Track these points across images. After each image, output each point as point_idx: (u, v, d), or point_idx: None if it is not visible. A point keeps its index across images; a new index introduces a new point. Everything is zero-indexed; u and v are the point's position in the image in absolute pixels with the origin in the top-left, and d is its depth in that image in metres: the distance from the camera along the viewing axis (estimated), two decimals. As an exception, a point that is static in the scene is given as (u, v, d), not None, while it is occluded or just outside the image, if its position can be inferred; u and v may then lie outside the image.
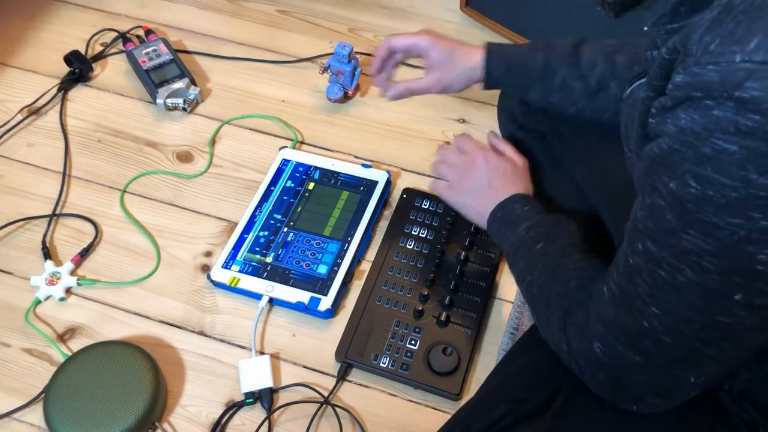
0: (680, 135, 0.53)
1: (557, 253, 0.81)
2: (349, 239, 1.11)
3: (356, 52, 1.32)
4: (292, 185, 1.18)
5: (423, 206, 1.15)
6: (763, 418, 0.70)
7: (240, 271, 1.08)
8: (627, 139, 0.72)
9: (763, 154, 0.49)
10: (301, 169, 1.20)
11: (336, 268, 1.08)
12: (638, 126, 0.63)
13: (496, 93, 1.19)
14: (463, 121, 1.30)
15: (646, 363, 0.64)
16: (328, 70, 1.29)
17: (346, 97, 1.32)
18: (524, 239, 0.85)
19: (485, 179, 0.97)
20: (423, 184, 1.19)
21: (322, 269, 1.08)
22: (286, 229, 1.13)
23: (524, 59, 0.96)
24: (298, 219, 1.14)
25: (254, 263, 1.09)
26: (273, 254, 1.10)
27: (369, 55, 1.39)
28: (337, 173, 1.20)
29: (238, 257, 1.09)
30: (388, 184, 1.19)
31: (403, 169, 1.23)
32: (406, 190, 1.18)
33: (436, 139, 1.27)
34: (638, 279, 0.61)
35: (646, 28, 0.63)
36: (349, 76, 1.28)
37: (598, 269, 0.73)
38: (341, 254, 1.09)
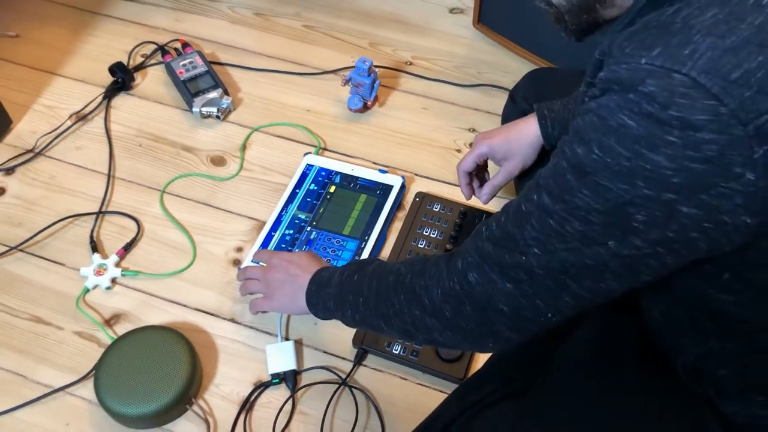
0: (598, 109, 0.63)
1: (381, 275, 0.87)
2: (366, 238, 1.22)
3: (375, 66, 1.41)
4: (315, 188, 1.29)
5: (434, 209, 1.25)
6: (714, 392, 0.78)
7: (268, 266, 1.19)
8: None
9: (654, 134, 0.59)
10: (323, 173, 1.31)
11: (354, 264, 1.18)
12: (579, 101, 0.72)
13: (503, 105, 1.30)
14: (473, 130, 1.39)
15: (514, 291, 0.71)
16: (350, 83, 1.39)
17: (365, 108, 1.42)
18: (340, 284, 0.92)
19: (286, 273, 1.03)
20: (435, 189, 1.30)
21: (342, 265, 1.19)
22: (309, 228, 1.23)
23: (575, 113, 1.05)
24: (321, 219, 1.25)
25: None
26: (297, 251, 1.20)
27: (388, 68, 1.49)
28: (356, 177, 1.30)
29: (266, 253, 1.20)
30: (403, 188, 1.29)
31: (416, 175, 1.33)
32: (419, 194, 1.27)
33: (448, 147, 1.37)
34: (527, 224, 0.69)
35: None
36: (368, 88, 1.39)
37: (424, 257, 0.83)
38: (359, 252, 1.20)
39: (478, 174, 1.16)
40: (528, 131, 1.08)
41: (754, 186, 0.58)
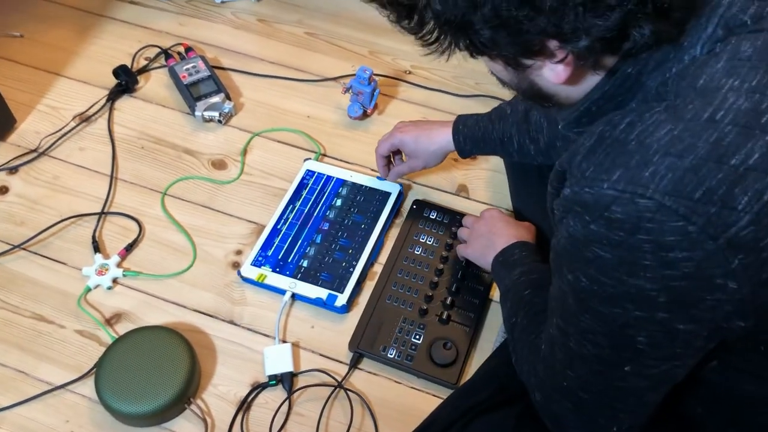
0: (570, 239, 0.64)
1: (541, 302, 0.86)
2: (364, 244, 1.24)
3: (375, 74, 1.43)
4: (314, 194, 1.31)
5: (431, 217, 1.27)
6: (696, 425, 0.82)
7: (266, 268, 1.21)
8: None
9: (629, 261, 0.60)
10: (322, 179, 1.33)
11: (351, 269, 1.21)
12: (549, 203, 0.74)
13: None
14: (471, 140, 1.42)
15: (575, 410, 0.74)
16: (350, 91, 1.42)
17: (365, 115, 1.44)
18: (516, 283, 0.95)
19: (487, 227, 1.10)
20: (431, 197, 1.32)
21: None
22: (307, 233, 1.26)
23: (485, 132, 1.12)
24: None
25: (279, 262, 1.22)
26: (296, 255, 1.23)
27: (387, 77, 1.51)
28: (355, 184, 1.32)
29: (265, 256, 1.22)
30: (400, 195, 1.30)
31: (413, 182, 1.35)
32: (416, 202, 1.29)
33: (445, 156, 1.39)
34: (555, 348, 0.72)
35: (560, 127, 0.76)
36: (368, 97, 1.41)
37: None
38: (356, 257, 1.22)
39: (396, 154, 1.26)
40: (437, 139, 1.16)
41: (739, 293, 0.60)
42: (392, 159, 1.28)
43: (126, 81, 1.47)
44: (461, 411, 0.88)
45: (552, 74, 0.66)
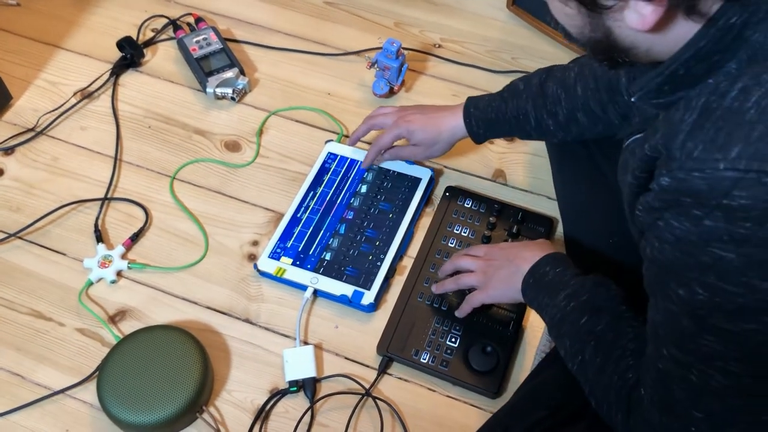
0: (679, 244, 0.53)
1: (606, 330, 0.76)
2: (393, 235, 1.13)
3: (403, 48, 1.32)
4: (337, 179, 1.20)
5: (465, 205, 1.16)
6: None
7: (285, 261, 1.10)
8: (622, 186, 0.71)
9: (759, 262, 0.49)
10: (345, 163, 1.22)
11: (379, 263, 1.10)
12: (627, 199, 0.63)
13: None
14: (507, 120, 1.30)
15: None
16: (376, 65, 1.30)
17: (391, 93, 1.33)
18: (566, 311, 0.80)
19: (503, 255, 0.94)
20: (466, 183, 1.21)
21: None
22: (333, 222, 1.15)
23: (498, 112, 1.04)
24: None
25: (300, 255, 1.11)
26: (318, 247, 1.12)
27: (415, 50, 1.40)
28: (381, 168, 1.21)
29: (284, 247, 1.12)
30: (432, 181, 1.20)
31: (446, 167, 1.24)
32: (449, 189, 1.19)
33: (479, 138, 1.28)
34: (672, 385, 0.60)
35: (633, 100, 0.64)
36: (395, 72, 1.29)
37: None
38: (384, 250, 1.12)
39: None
40: (447, 125, 1.08)
41: None
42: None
43: (131, 54, 1.37)
44: (514, 433, 0.78)
45: (636, 18, 0.56)
